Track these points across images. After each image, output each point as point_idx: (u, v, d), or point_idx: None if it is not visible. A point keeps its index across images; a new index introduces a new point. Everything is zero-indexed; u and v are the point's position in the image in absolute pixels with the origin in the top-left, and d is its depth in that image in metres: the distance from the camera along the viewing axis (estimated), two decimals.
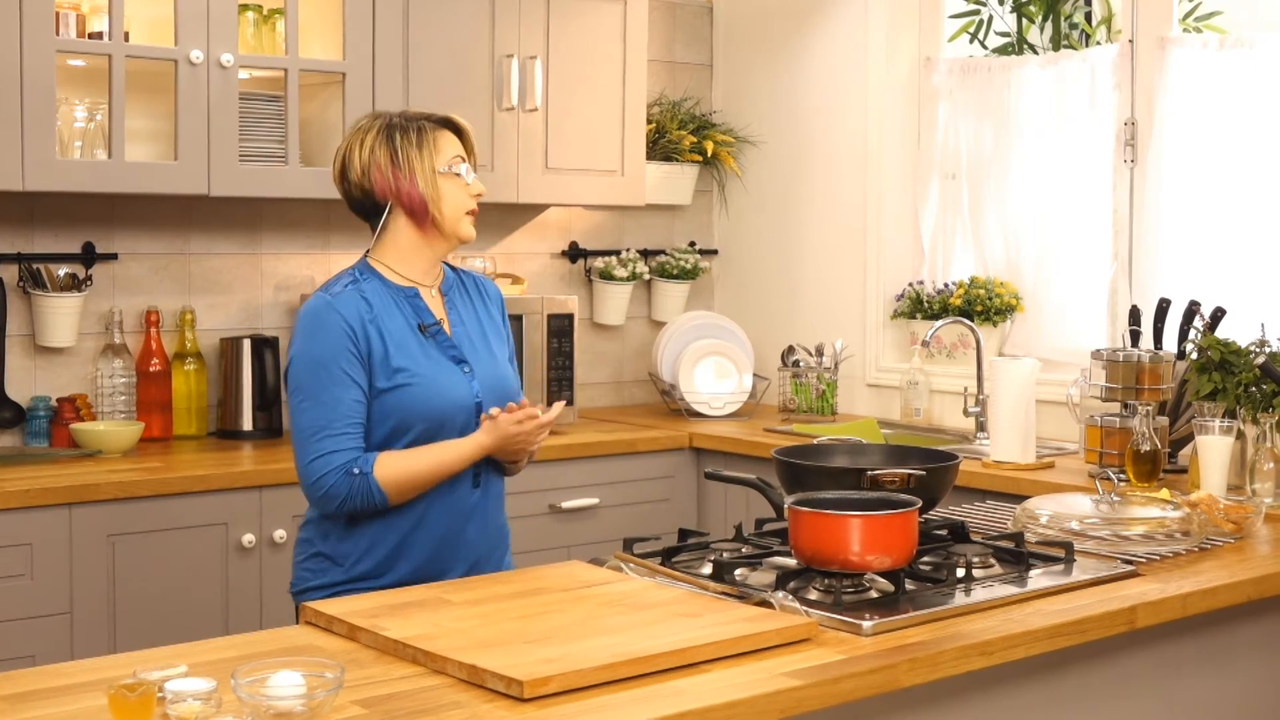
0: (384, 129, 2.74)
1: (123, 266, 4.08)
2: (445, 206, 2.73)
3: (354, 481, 2.61)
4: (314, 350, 2.64)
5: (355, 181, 2.76)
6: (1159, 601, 2.40)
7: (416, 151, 2.72)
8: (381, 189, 2.73)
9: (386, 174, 2.71)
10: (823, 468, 2.69)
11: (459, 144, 2.78)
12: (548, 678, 1.87)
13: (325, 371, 2.63)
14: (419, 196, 2.72)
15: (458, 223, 2.77)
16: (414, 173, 2.71)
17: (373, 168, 2.72)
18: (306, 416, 2.63)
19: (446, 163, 2.74)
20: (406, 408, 2.67)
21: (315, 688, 1.78)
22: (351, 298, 2.70)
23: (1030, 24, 4.91)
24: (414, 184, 2.71)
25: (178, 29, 3.74)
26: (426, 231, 2.76)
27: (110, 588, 3.44)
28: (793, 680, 1.94)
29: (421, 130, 2.74)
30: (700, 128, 5.06)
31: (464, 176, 2.76)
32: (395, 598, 2.32)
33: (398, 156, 2.71)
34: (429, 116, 2.79)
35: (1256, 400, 3.25)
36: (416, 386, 2.68)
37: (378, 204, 2.76)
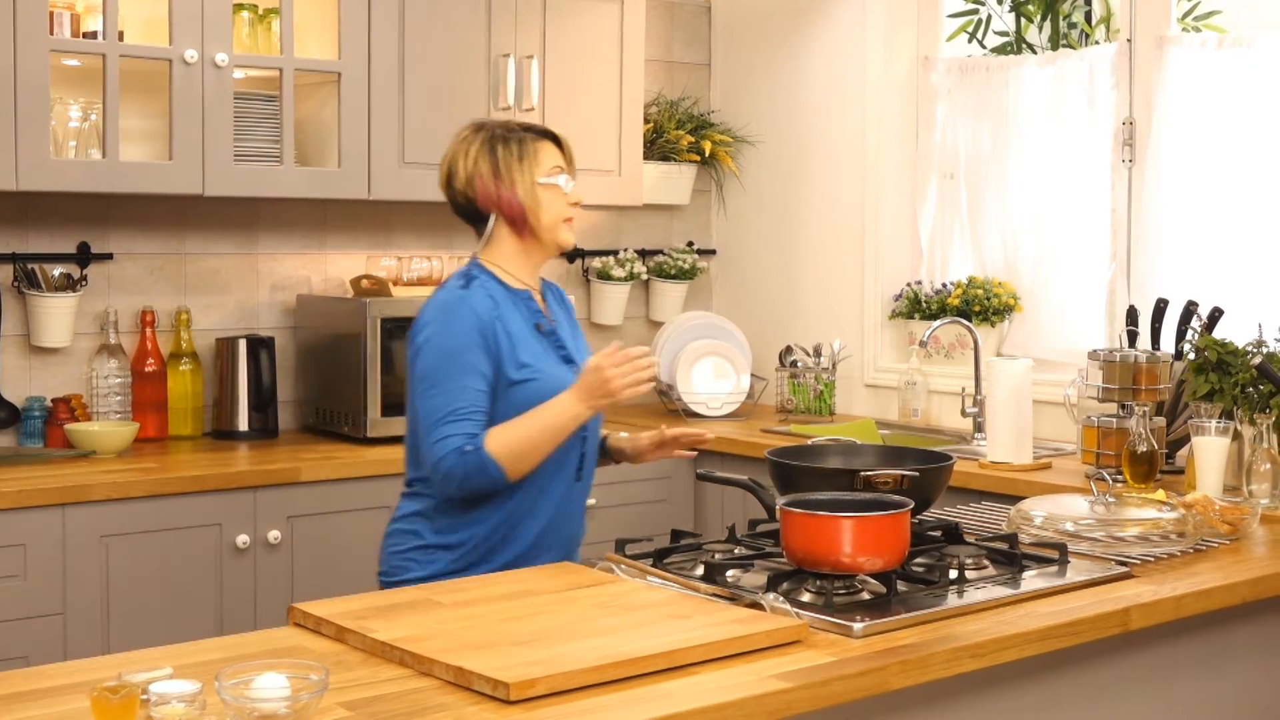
0: (487, 140, 2.86)
1: (118, 266, 4.08)
2: (544, 215, 2.86)
3: (468, 459, 2.69)
4: (445, 341, 2.75)
5: (459, 190, 2.89)
6: (1153, 603, 2.38)
7: (517, 163, 2.84)
8: (484, 198, 2.86)
9: (489, 184, 2.84)
10: (815, 468, 2.68)
11: (558, 154, 2.91)
12: (534, 680, 1.86)
13: (454, 361, 2.73)
14: (519, 206, 2.85)
15: (556, 231, 2.89)
16: (514, 183, 2.84)
17: (476, 178, 2.85)
18: (432, 403, 2.73)
19: (546, 173, 2.86)
20: (533, 403, 2.76)
21: (300, 690, 1.77)
22: (482, 294, 2.81)
23: (1029, 23, 4.90)
24: (514, 194, 2.84)
25: (172, 28, 3.73)
26: (526, 239, 2.88)
27: (104, 588, 3.43)
28: (782, 682, 1.93)
29: (522, 142, 2.87)
30: (698, 127, 5.05)
31: (562, 186, 2.87)
32: (385, 599, 2.31)
33: (499, 168, 2.84)
34: (530, 128, 2.92)
35: (1253, 401, 3.23)
36: (540, 381, 2.80)
37: (480, 212, 2.89)
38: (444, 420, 2.71)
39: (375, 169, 4.07)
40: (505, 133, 2.88)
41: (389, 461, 3.84)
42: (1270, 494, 3.08)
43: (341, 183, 4.04)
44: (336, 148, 4.03)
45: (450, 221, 4.59)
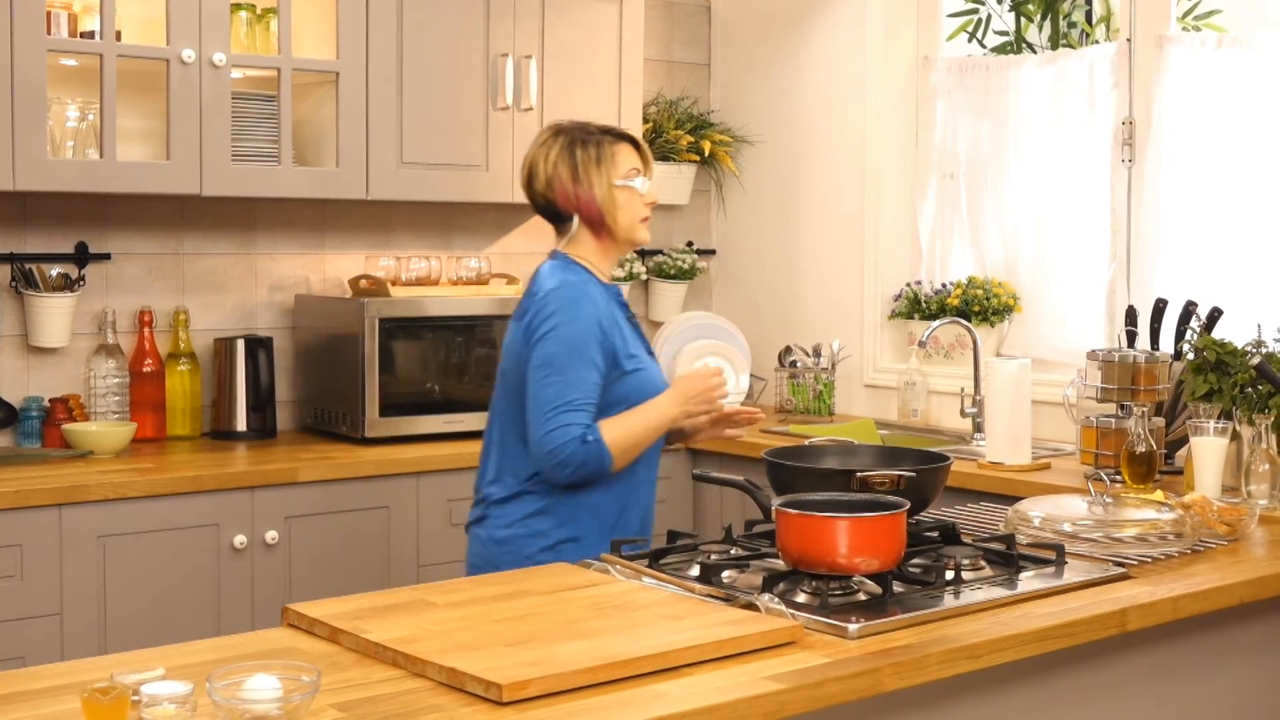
0: (567, 144, 2.97)
1: (116, 266, 4.07)
2: (621, 216, 2.97)
3: (589, 448, 2.81)
4: (570, 332, 2.85)
5: (539, 191, 3.00)
6: (1150, 604, 2.38)
7: (595, 166, 2.96)
8: (563, 200, 2.98)
9: (568, 187, 2.96)
10: (812, 469, 2.67)
11: (635, 156, 3.01)
12: (527, 681, 1.85)
13: (577, 353, 2.84)
14: (597, 208, 2.96)
15: (633, 230, 3.00)
16: (593, 186, 2.95)
17: (555, 181, 2.97)
18: (552, 389, 2.83)
19: (623, 176, 2.97)
20: (641, 390, 2.92)
21: (291, 691, 1.76)
22: (596, 287, 2.94)
23: (1029, 23, 4.89)
24: (592, 197, 2.95)
25: (169, 28, 3.73)
26: (603, 239, 3.00)
27: (101, 589, 3.43)
28: (775, 684, 1.93)
29: (600, 145, 2.97)
30: (698, 127, 5.04)
31: (639, 188, 2.98)
32: (379, 599, 2.30)
33: (578, 171, 2.95)
34: (608, 130, 3.02)
35: (1252, 401, 3.22)
36: (645, 371, 2.98)
37: (561, 212, 3.00)
38: (562, 408, 2.81)
39: (373, 169, 4.07)
40: (584, 136, 2.98)
41: (387, 461, 3.84)
42: (1269, 494, 3.07)
43: (340, 183, 4.04)
44: (334, 148, 4.03)
45: (450, 221, 4.62)
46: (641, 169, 3.00)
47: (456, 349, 4.20)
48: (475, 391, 4.21)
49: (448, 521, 3.91)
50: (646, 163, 3.02)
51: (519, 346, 2.91)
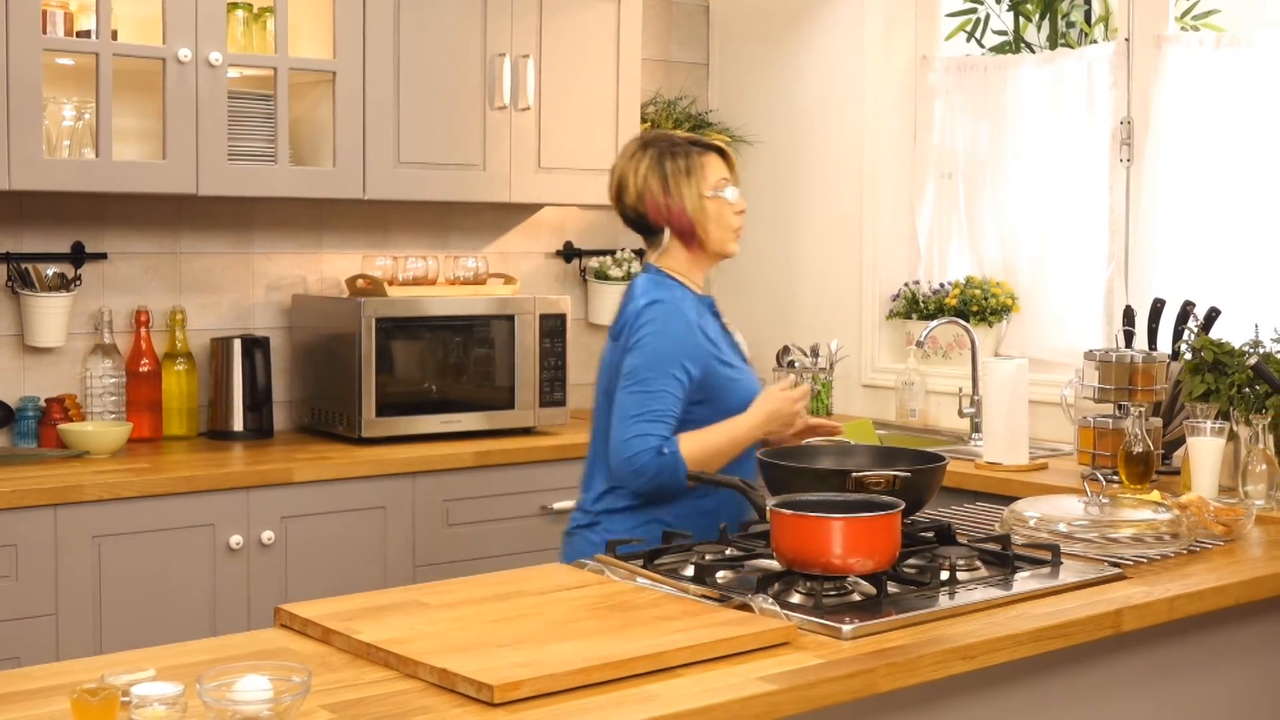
0: (656, 156, 2.99)
1: (112, 266, 4.07)
2: (712, 228, 2.99)
3: (664, 460, 2.83)
4: (658, 344, 2.88)
5: (630, 205, 3.02)
6: (1145, 605, 2.37)
7: (685, 178, 2.97)
8: (654, 213, 2.99)
9: (659, 199, 2.97)
10: (807, 469, 2.67)
11: (724, 166, 3.02)
12: (519, 682, 1.85)
13: (662, 366, 2.87)
14: (689, 221, 2.97)
15: (724, 241, 3.02)
16: (683, 199, 2.97)
17: (646, 194, 2.98)
18: (633, 400, 2.87)
19: (712, 187, 2.98)
20: (740, 401, 2.94)
21: (282, 692, 1.76)
22: (690, 306, 2.96)
23: (1027, 23, 4.88)
24: (684, 209, 2.97)
25: (166, 28, 3.72)
26: (694, 250, 3.01)
27: (96, 589, 3.42)
28: (768, 685, 1.92)
29: (689, 156, 2.99)
30: (696, 127, 5.03)
31: (729, 199, 2.99)
32: (372, 600, 2.30)
33: (668, 184, 2.97)
34: (696, 142, 3.03)
35: (1250, 401, 3.22)
36: (745, 381, 2.99)
37: (652, 225, 3.01)
38: (641, 417, 2.85)
39: (370, 168, 4.06)
40: (672, 148, 2.99)
41: (383, 461, 3.83)
42: (1266, 495, 3.06)
43: (336, 182, 4.03)
44: (331, 147, 4.02)
45: (448, 221, 4.62)
46: (730, 178, 3.02)
47: (454, 349, 4.19)
48: (472, 391, 4.21)
49: (444, 522, 3.91)
50: (734, 171, 3.04)
51: (616, 363, 2.95)
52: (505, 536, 4.01)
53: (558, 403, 4.31)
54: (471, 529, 3.96)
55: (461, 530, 3.94)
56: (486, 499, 3.99)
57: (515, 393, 4.23)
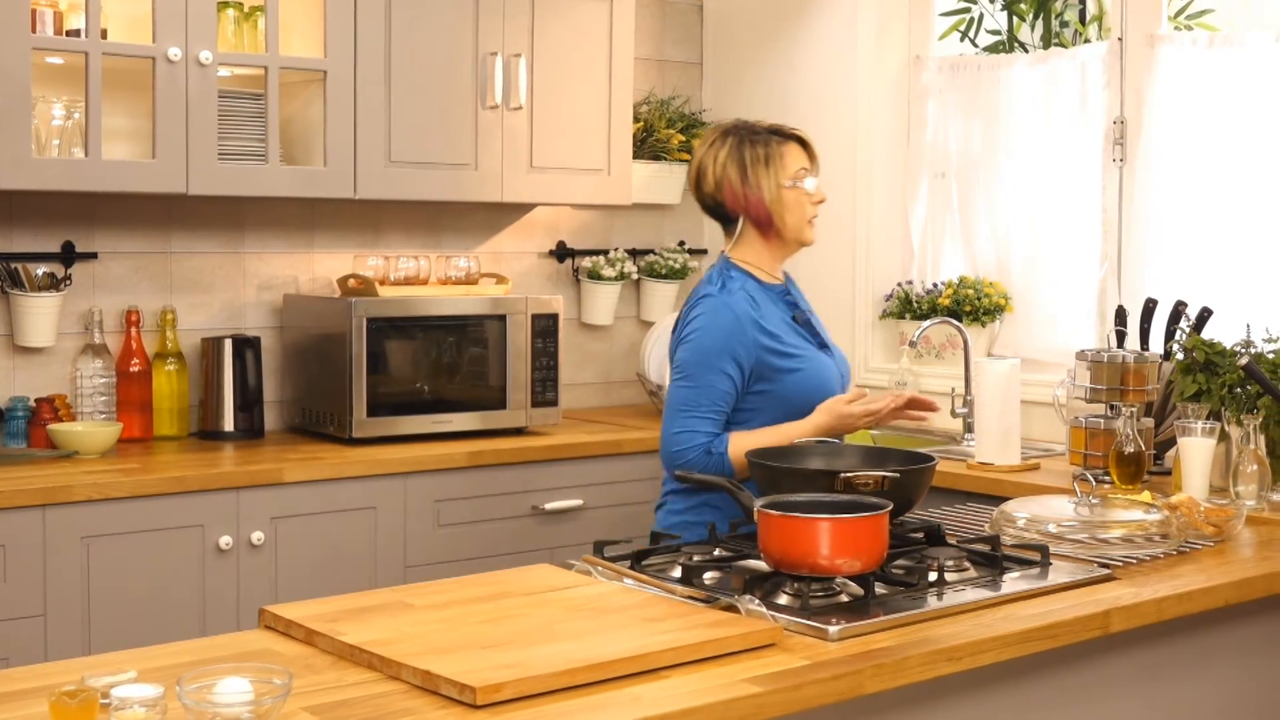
0: (735, 145, 3.03)
1: (103, 266, 4.06)
2: (789, 216, 3.03)
3: (711, 459, 2.92)
4: (705, 341, 2.95)
5: (709, 193, 3.07)
6: (1133, 606, 2.36)
7: (764, 167, 3.00)
8: (732, 202, 3.04)
9: (736, 188, 3.02)
10: (796, 469, 2.66)
11: (804, 156, 3.05)
12: (501, 684, 1.84)
13: (708, 361, 2.94)
14: (765, 209, 3.02)
15: (801, 230, 3.06)
16: (761, 188, 3.00)
17: (724, 182, 3.03)
18: (681, 394, 2.97)
19: (791, 177, 3.02)
20: (799, 390, 2.98)
21: (263, 694, 1.75)
22: (742, 297, 2.99)
23: (1021, 22, 4.87)
24: (761, 198, 3.01)
25: (155, 26, 3.71)
26: (771, 238, 3.06)
27: (85, 590, 3.41)
28: (753, 686, 1.91)
29: (768, 145, 3.02)
30: (689, 126, 5.02)
31: (807, 188, 3.02)
32: (358, 601, 2.29)
33: (746, 173, 3.01)
34: (777, 131, 3.06)
35: (1241, 401, 3.21)
36: (806, 371, 3.00)
37: (729, 214, 3.07)
38: (688, 413, 2.95)
39: (361, 168, 4.05)
40: (751, 136, 3.03)
41: (374, 462, 3.82)
42: (1256, 495, 3.06)
43: (327, 182, 4.02)
44: (322, 146, 4.01)
45: (440, 221, 4.61)
46: (810, 168, 3.04)
47: (445, 349, 4.18)
48: (464, 392, 4.20)
49: (435, 522, 3.90)
50: (814, 161, 3.07)
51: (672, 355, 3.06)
52: (497, 537, 4.00)
53: (550, 403, 4.30)
54: (463, 529, 3.95)
55: (453, 531, 3.93)
56: (478, 499, 3.98)
57: (507, 393, 4.22)
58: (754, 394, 2.99)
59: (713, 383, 2.94)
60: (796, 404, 2.98)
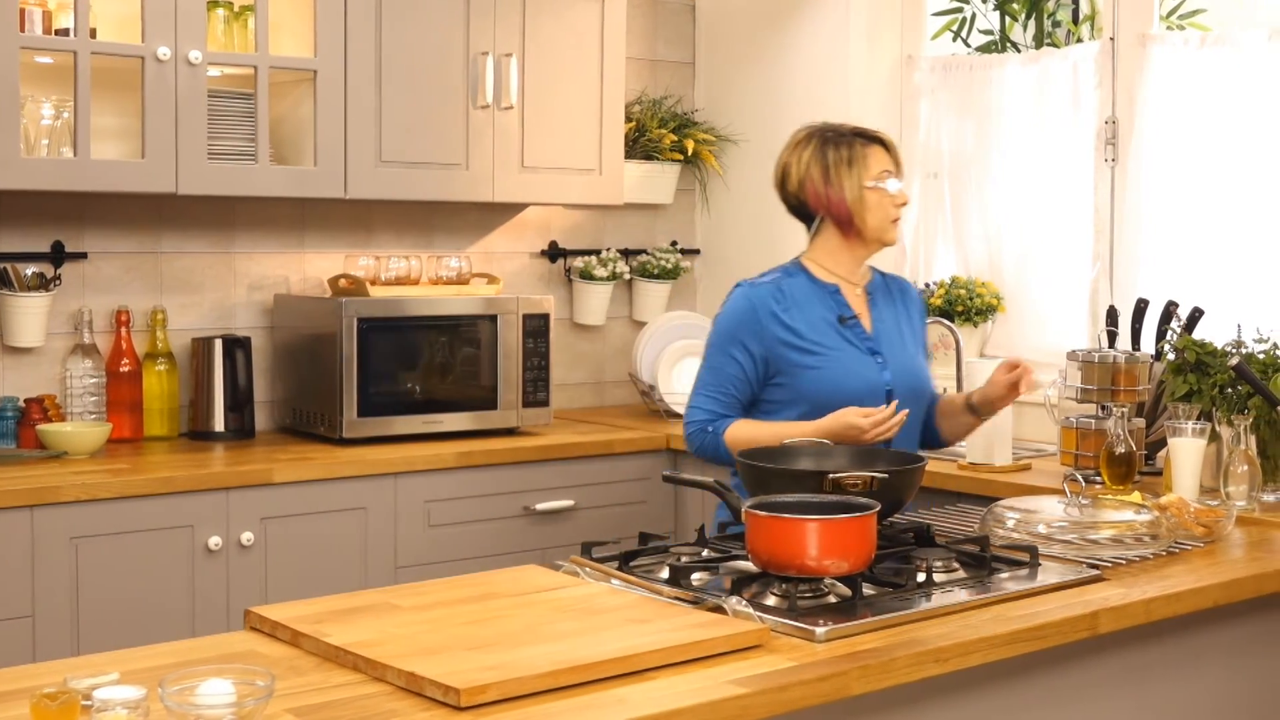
0: (819, 145, 3.09)
1: (92, 266, 4.05)
2: (870, 217, 3.07)
3: (705, 437, 3.06)
4: (721, 324, 3.11)
5: (792, 191, 3.14)
6: (1122, 607, 2.35)
7: (846, 168, 3.06)
8: (814, 201, 3.10)
9: (819, 188, 3.08)
10: (785, 470, 2.65)
11: (887, 157, 3.10)
12: (486, 685, 1.83)
13: (720, 344, 3.09)
14: (846, 209, 3.07)
15: (881, 231, 3.10)
16: (843, 188, 3.06)
17: (807, 181, 3.09)
18: (698, 374, 3.13)
19: (873, 178, 3.06)
20: (817, 387, 3.03)
21: (245, 696, 1.74)
22: (766, 291, 3.10)
23: (1013, 22, 4.87)
24: (843, 198, 3.06)
25: (145, 26, 3.70)
26: (850, 238, 3.11)
27: (73, 591, 3.40)
28: (738, 688, 1.90)
29: (852, 146, 3.08)
30: (681, 126, 5.01)
31: (889, 190, 3.07)
32: (344, 602, 2.28)
33: (829, 173, 3.06)
34: (861, 133, 3.11)
35: (1232, 402, 3.20)
36: (826, 370, 3.04)
37: (810, 212, 3.13)
38: (699, 391, 3.10)
39: (352, 168, 4.04)
40: (835, 137, 3.09)
41: (365, 462, 3.81)
42: (1247, 495, 3.05)
43: (318, 181, 4.01)
44: (313, 146, 4.00)
45: (432, 221, 4.60)
46: (893, 170, 3.08)
47: (437, 349, 4.17)
48: (455, 392, 4.19)
49: (425, 523, 3.89)
50: (897, 163, 3.11)
51: None
52: (487, 538, 3.99)
53: (541, 403, 4.29)
54: (454, 530, 3.94)
55: (443, 531, 3.92)
56: (469, 500, 3.97)
57: (499, 393, 4.22)
58: (774, 386, 3.07)
59: (722, 365, 3.06)
60: (818, 402, 3.01)
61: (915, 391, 3.14)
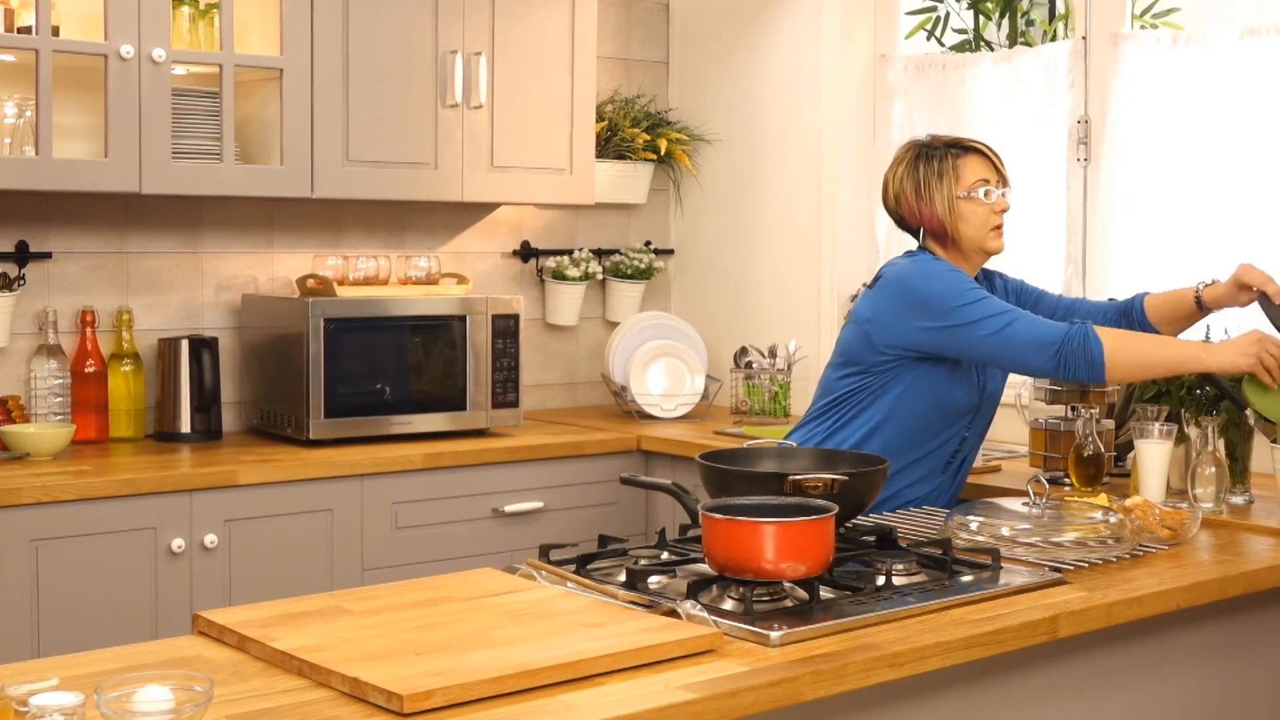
0: (914, 159, 3.13)
1: (57, 265, 4.01)
2: (964, 228, 3.08)
3: (1073, 333, 2.91)
4: (946, 279, 3.01)
5: (891, 208, 3.19)
6: (1083, 610, 2.33)
7: (937, 180, 3.08)
8: (910, 216, 3.14)
9: (912, 203, 3.11)
10: (745, 472, 2.63)
11: (984, 166, 3.11)
12: (430, 691, 1.80)
13: (966, 289, 2.99)
14: (938, 222, 3.09)
15: (981, 240, 3.10)
16: (933, 201, 3.08)
17: (902, 196, 3.13)
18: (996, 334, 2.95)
19: (967, 188, 3.08)
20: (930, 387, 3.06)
21: (183, 703, 1.71)
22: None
23: (987, 21, 4.85)
24: (934, 211, 3.08)
25: (108, 24, 3.66)
26: (949, 249, 3.12)
27: (33, 594, 3.36)
28: (688, 694, 1.88)
29: (943, 159, 3.10)
30: (654, 125, 4.99)
31: (982, 199, 3.08)
32: (293, 606, 2.25)
33: (921, 186, 3.09)
34: (956, 143, 3.14)
35: (1200, 403, 3.18)
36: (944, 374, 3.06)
37: (910, 226, 3.17)
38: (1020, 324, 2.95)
39: (319, 167, 4.01)
40: (929, 150, 3.12)
41: (331, 464, 3.78)
42: (1215, 498, 3.03)
43: (284, 181, 3.98)
44: (279, 145, 3.97)
45: (403, 221, 4.57)
46: (991, 179, 3.08)
47: (405, 350, 4.14)
48: (424, 393, 4.15)
49: (392, 525, 3.86)
50: (997, 170, 3.11)
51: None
52: (455, 540, 3.96)
53: (511, 404, 4.26)
54: (420, 532, 3.91)
55: (410, 534, 3.89)
56: (437, 501, 3.94)
57: (468, 394, 4.19)
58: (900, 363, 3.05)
59: (986, 299, 2.97)
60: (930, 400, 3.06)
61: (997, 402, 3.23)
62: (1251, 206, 3.82)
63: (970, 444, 3.21)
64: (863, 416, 3.10)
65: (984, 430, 3.24)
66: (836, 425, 3.13)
